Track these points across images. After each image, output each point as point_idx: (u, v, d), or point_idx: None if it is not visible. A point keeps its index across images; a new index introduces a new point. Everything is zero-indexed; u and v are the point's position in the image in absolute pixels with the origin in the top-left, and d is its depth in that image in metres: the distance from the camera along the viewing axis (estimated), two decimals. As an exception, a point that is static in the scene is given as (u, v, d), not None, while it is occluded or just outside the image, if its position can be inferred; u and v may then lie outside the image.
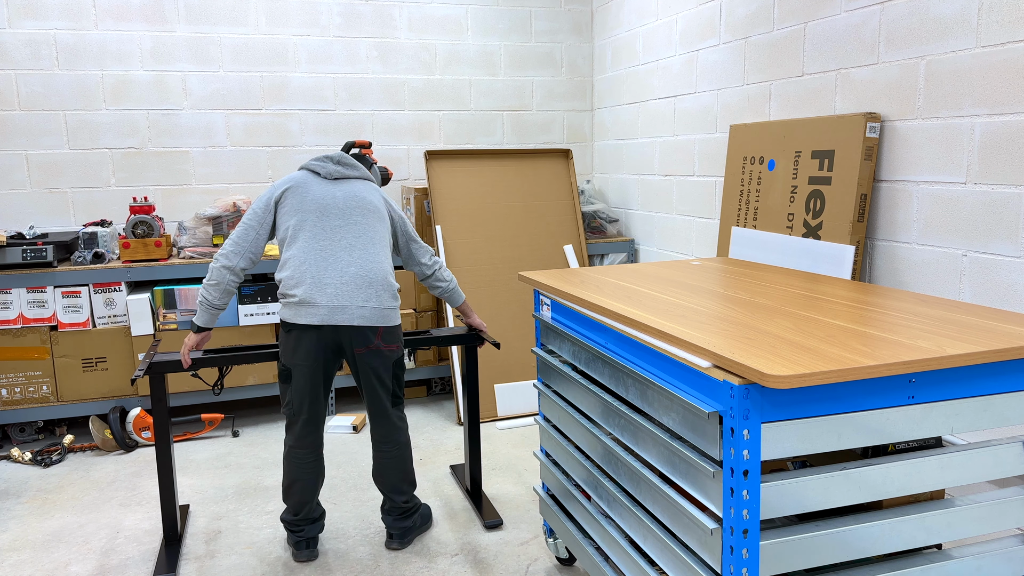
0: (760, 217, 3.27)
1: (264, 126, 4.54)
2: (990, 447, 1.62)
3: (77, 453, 3.79)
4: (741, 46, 3.54)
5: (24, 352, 3.77)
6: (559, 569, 2.64)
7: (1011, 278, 2.36)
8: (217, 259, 2.64)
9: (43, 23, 4.11)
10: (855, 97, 2.90)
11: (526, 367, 4.24)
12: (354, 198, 2.69)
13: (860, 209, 2.78)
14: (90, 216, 4.32)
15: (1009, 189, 2.35)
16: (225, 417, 4.07)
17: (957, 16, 2.48)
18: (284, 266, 2.61)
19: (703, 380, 1.55)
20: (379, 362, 2.65)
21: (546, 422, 2.50)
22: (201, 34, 4.36)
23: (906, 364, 1.44)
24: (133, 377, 2.76)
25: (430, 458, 3.64)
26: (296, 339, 2.58)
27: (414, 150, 4.86)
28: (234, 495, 3.28)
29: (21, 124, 4.15)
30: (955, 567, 1.63)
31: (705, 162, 3.91)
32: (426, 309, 4.39)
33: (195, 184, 4.47)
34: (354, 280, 2.59)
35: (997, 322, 1.73)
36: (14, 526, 3.04)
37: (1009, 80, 2.33)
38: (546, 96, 5.06)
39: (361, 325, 2.59)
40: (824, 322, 1.76)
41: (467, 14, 4.82)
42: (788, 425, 1.46)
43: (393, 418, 2.73)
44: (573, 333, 2.20)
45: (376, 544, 2.83)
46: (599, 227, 4.76)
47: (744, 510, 1.47)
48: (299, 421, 2.64)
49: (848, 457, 1.76)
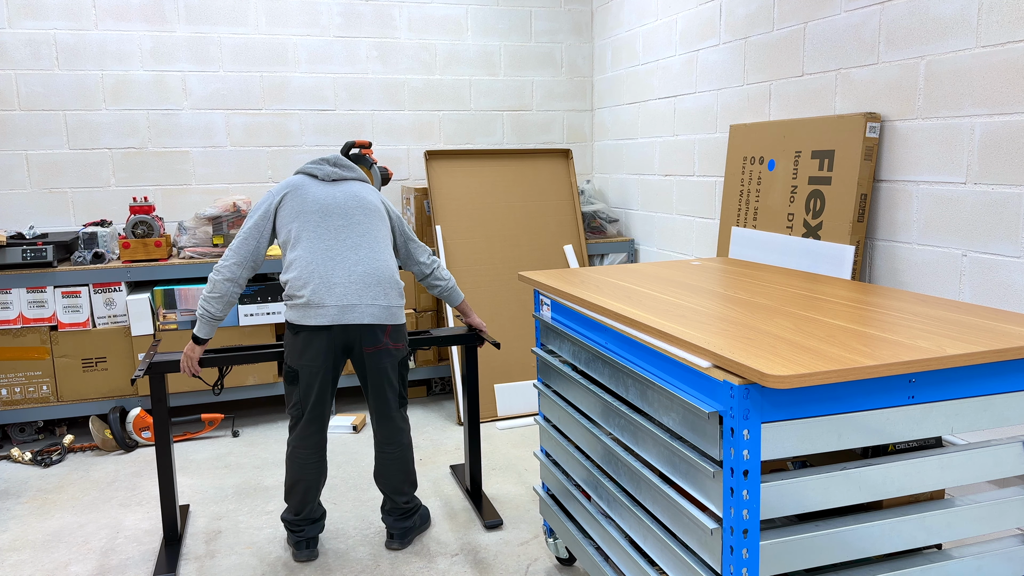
0: (760, 217, 3.27)
1: (264, 126, 4.54)
2: (990, 447, 1.62)
3: (77, 453, 3.79)
4: (741, 46, 3.54)
5: (24, 352, 3.77)
6: (559, 569, 2.64)
7: (1011, 278, 2.37)
8: (219, 271, 2.61)
9: (43, 23, 4.11)
10: (855, 97, 2.90)
11: (526, 367, 4.24)
12: (355, 198, 2.69)
13: (860, 209, 2.78)
14: (90, 216, 4.32)
15: (1009, 189, 2.35)
16: (225, 417, 4.07)
17: (957, 16, 2.48)
18: (290, 267, 2.60)
19: (703, 380, 1.55)
20: (388, 361, 2.66)
21: (546, 422, 2.50)
22: (201, 34, 4.36)
23: (906, 364, 1.44)
24: (133, 377, 2.76)
25: (430, 458, 3.64)
26: (304, 341, 2.58)
27: (414, 150, 4.86)
28: (234, 495, 3.28)
29: (21, 124, 4.15)
30: (955, 567, 1.63)
31: (705, 162, 3.91)
32: (426, 309, 4.39)
33: (195, 184, 4.47)
34: (362, 279, 2.59)
35: (997, 322, 1.73)
36: (14, 526, 3.04)
37: (1009, 80, 2.33)
38: (546, 96, 5.06)
39: (371, 323, 2.59)
40: (824, 322, 1.76)
41: (467, 14, 4.82)
42: (788, 425, 1.46)
43: (397, 419, 2.73)
44: (573, 333, 2.20)
45: (376, 544, 2.83)
46: (599, 227, 4.76)
47: (744, 510, 1.47)
48: (304, 421, 2.64)
49: (848, 457, 1.76)
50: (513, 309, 4.32)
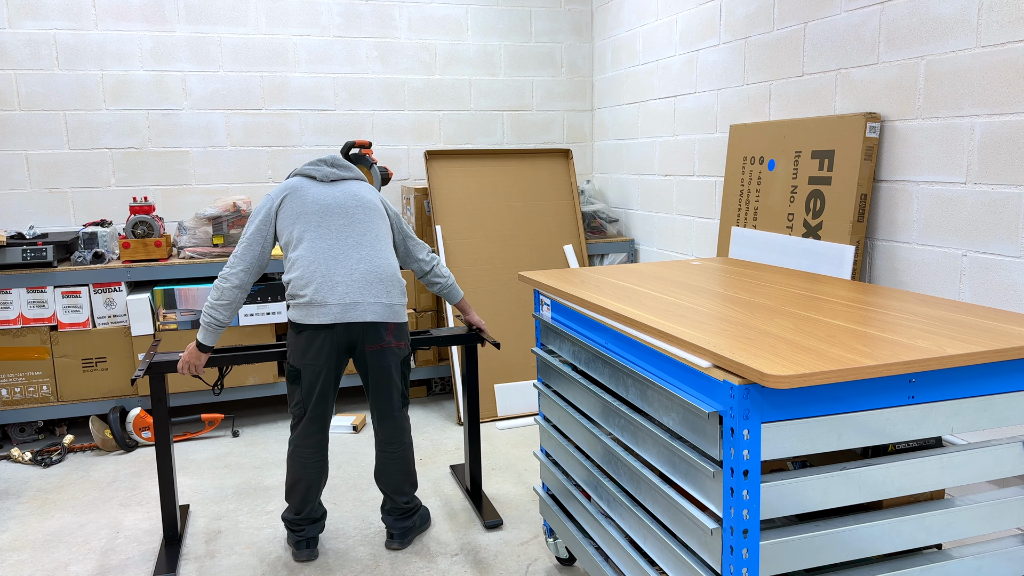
0: (760, 217, 3.27)
1: (264, 126, 4.54)
2: (990, 447, 1.62)
3: (77, 453, 3.79)
4: (741, 46, 3.54)
5: (24, 352, 3.77)
6: (559, 569, 2.64)
7: (1011, 278, 2.36)
8: (228, 279, 2.60)
9: (43, 23, 4.11)
10: (855, 97, 2.90)
11: (526, 367, 4.24)
12: (354, 197, 2.70)
13: (860, 209, 2.78)
14: (90, 216, 4.32)
15: (1009, 189, 2.35)
16: (225, 417, 4.07)
17: (957, 16, 2.48)
18: (292, 267, 2.60)
19: (703, 380, 1.55)
20: (391, 360, 2.66)
21: (546, 422, 2.50)
22: (201, 34, 4.36)
23: (906, 364, 1.44)
24: (133, 377, 2.76)
25: (430, 458, 3.64)
26: (307, 340, 2.58)
27: (414, 150, 4.86)
28: (234, 495, 3.28)
29: (21, 124, 4.15)
30: (955, 567, 1.63)
31: (705, 162, 3.91)
32: (426, 309, 4.39)
33: (195, 184, 4.47)
34: (364, 277, 2.59)
35: (997, 322, 1.73)
36: (14, 526, 3.04)
37: (1009, 80, 2.33)
38: (546, 96, 5.06)
39: (374, 321, 2.59)
40: (824, 322, 1.76)
41: (467, 14, 4.82)
42: (788, 425, 1.46)
43: (400, 418, 2.73)
44: (573, 333, 2.20)
45: (376, 544, 2.83)
46: (599, 227, 4.76)
47: (744, 510, 1.47)
48: (306, 420, 2.64)
49: (848, 457, 1.76)
50: (513, 309, 4.32)
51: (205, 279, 4.02)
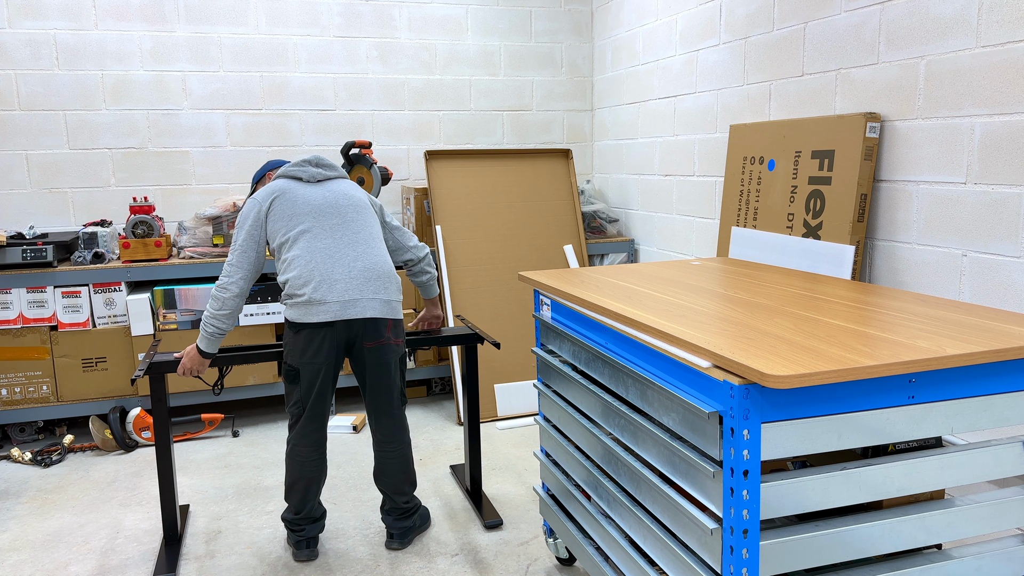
0: (760, 217, 3.27)
1: (264, 126, 4.54)
2: (990, 447, 1.62)
3: (77, 453, 3.79)
4: (741, 46, 3.54)
5: (24, 352, 3.77)
6: (559, 569, 2.64)
7: (1011, 278, 2.37)
8: (227, 288, 2.60)
9: (43, 23, 4.11)
10: (855, 97, 2.90)
11: (526, 367, 4.24)
12: (344, 196, 2.71)
13: (860, 209, 2.78)
14: (90, 216, 4.32)
15: (1009, 189, 2.35)
16: (225, 417, 4.07)
17: (957, 16, 2.48)
18: (288, 267, 2.60)
19: (703, 380, 1.55)
20: (390, 356, 2.67)
21: (546, 422, 2.50)
22: (201, 34, 4.36)
23: (906, 364, 1.44)
24: (133, 377, 2.77)
25: (430, 458, 3.64)
26: (306, 339, 2.58)
27: (414, 150, 4.86)
28: (234, 495, 3.28)
29: (21, 124, 4.15)
30: (955, 567, 1.63)
31: (705, 162, 3.91)
32: (426, 309, 4.39)
33: (195, 184, 4.47)
34: (362, 274, 2.60)
35: (997, 322, 1.73)
36: (14, 526, 3.04)
37: (1009, 80, 2.33)
38: (546, 96, 5.06)
39: (374, 317, 2.60)
40: (824, 322, 1.76)
41: (467, 14, 4.82)
42: (788, 425, 1.46)
43: (398, 417, 2.73)
44: (573, 333, 2.20)
45: (376, 544, 2.83)
46: (599, 227, 4.76)
47: (744, 510, 1.47)
48: (305, 419, 2.64)
49: (848, 457, 1.76)
50: (513, 309, 4.32)
51: (205, 279, 4.02)
